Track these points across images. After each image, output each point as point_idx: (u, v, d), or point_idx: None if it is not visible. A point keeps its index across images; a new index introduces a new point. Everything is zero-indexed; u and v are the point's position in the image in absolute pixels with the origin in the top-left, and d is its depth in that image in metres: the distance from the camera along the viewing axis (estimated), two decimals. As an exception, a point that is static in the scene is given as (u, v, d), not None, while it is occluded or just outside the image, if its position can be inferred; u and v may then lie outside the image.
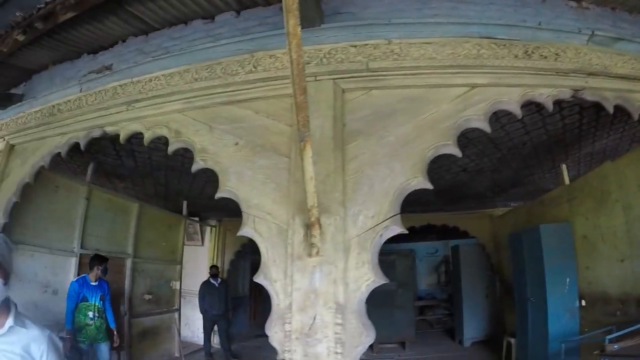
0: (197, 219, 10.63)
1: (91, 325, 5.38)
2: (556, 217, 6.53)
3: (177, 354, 8.62)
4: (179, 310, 8.99)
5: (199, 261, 10.50)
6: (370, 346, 7.64)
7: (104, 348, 5.51)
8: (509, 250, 7.51)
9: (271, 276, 2.49)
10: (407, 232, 2.48)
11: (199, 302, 8.62)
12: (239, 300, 12.23)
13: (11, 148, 4.33)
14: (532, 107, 4.42)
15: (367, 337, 2.34)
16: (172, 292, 8.84)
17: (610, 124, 5.40)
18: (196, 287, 9.28)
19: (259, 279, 2.54)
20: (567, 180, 6.55)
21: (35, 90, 4.44)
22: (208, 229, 11.02)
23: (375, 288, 2.42)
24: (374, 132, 2.68)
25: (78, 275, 5.81)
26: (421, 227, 10.58)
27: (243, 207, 2.63)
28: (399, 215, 2.41)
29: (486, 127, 2.73)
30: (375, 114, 2.74)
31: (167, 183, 8.19)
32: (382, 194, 2.50)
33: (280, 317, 2.42)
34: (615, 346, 3.85)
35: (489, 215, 10.25)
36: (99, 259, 5.66)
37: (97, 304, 5.48)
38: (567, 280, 5.99)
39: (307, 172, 2.04)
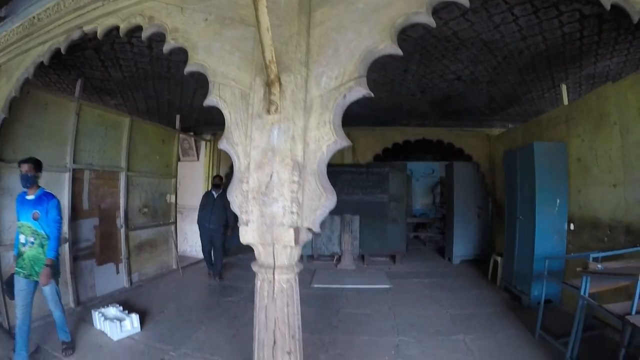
0: (191, 134, 10.63)
1: (24, 254, 4.26)
2: (553, 138, 6.43)
3: (174, 266, 8.94)
4: (175, 223, 9.18)
5: (195, 176, 10.64)
6: (362, 258, 7.99)
7: (46, 289, 4.33)
8: (503, 168, 7.43)
9: (233, 140, 2.48)
10: (372, 95, 2.39)
11: (198, 213, 8.39)
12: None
13: (-3, 69, 4.42)
14: (527, 6, 4.22)
15: (327, 200, 2.32)
16: (168, 205, 9.00)
17: (614, 42, 5.13)
18: (193, 202, 9.39)
19: (222, 144, 2.54)
20: (566, 101, 6.40)
21: (17, 8, 4.27)
22: (203, 143, 10.97)
23: (367, 200, 2.38)
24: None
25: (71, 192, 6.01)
26: (416, 141, 10.43)
27: (210, 77, 2.59)
28: (364, 78, 2.31)
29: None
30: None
31: (157, 95, 8.06)
32: (347, 56, 2.38)
33: (239, 180, 2.43)
34: (599, 266, 3.85)
35: (486, 135, 10.06)
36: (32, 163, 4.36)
37: (29, 224, 4.27)
38: (558, 201, 6.02)
39: (262, 22, 1.97)
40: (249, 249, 2.53)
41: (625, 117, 4.86)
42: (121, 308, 5.64)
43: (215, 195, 8.15)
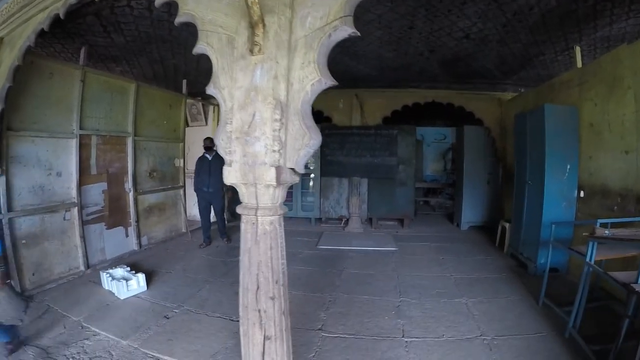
0: (199, 99, 10.57)
1: None
2: (565, 102, 6.23)
3: (184, 230, 9.05)
4: (183, 187, 9.24)
5: None
6: (370, 221, 8.14)
7: None
8: (513, 132, 7.28)
9: (220, 84, 2.42)
10: (358, 34, 2.24)
11: (193, 179, 8.30)
12: None
13: (1, 41, 4.44)
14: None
15: (311, 139, 2.27)
16: (176, 169, 9.03)
17: (630, 1, 4.92)
18: None
19: (209, 89, 2.47)
20: (580, 64, 6.19)
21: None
22: (211, 108, 10.93)
23: (375, 163, 2.31)
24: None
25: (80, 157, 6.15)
26: (427, 105, 10.19)
27: (199, 26, 2.51)
28: (350, 17, 2.19)
29: None
30: None
31: (162, 60, 8.04)
32: (333, -4, 2.32)
33: (224, 122, 2.40)
34: (607, 231, 3.75)
35: (497, 99, 9.80)
36: None
37: None
38: (568, 167, 5.90)
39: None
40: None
41: (640, 81, 4.69)
42: (128, 269, 5.77)
43: (210, 158, 8.02)
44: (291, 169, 2.34)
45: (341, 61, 7.75)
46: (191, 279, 6.02)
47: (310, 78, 2.26)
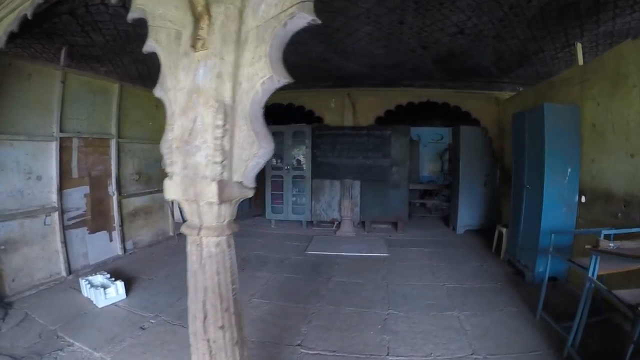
0: None
1: None
2: (565, 101, 5.91)
3: (171, 233, 8.91)
4: (171, 189, 8.97)
5: None
6: (362, 225, 7.57)
7: None
8: (512, 132, 6.97)
9: (167, 85, 2.14)
10: (319, 21, 1.91)
11: None
12: None
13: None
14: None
15: (261, 148, 1.95)
16: (163, 171, 8.58)
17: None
18: None
19: (157, 91, 2.22)
20: (581, 61, 5.85)
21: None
22: None
23: (368, 164, 1.95)
24: None
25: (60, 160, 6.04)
26: (422, 104, 9.84)
27: (149, 22, 2.21)
28: (310, 3, 1.87)
29: None
30: None
31: (145, 59, 7.63)
32: (289, -22, 1.99)
33: (167, 129, 2.17)
34: (611, 244, 3.42)
35: (495, 98, 9.47)
36: None
37: None
38: (569, 170, 5.59)
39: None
40: (245, 217, 2.14)
41: (646, 78, 4.33)
42: (108, 275, 5.61)
43: None
44: (239, 182, 2.02)
45: (330, 59, 7.47)
46: (172, 286, 5.76)
47: (260, 75, 1.92)
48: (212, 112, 1.90)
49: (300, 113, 10.28)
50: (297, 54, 7.11)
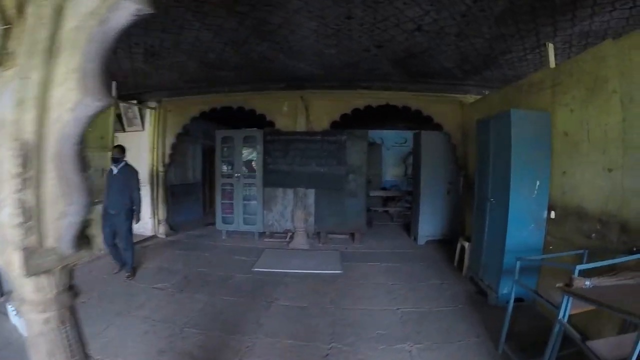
0: (135, 101, 9.61)
1: None
2: (535, 107, 5.41)
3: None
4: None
5: (141, 147, 9.76)
6: (318, 235, 8.31)
7: None
8: (476, 140, 6.49)
9: None
10: (150, 10, 1.32)
11: None
12: (189, 188, 12.02)
13: None
14: None
15: (72, 205, 1.38)
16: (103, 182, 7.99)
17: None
18: (140, 176, 8.45)
19: None
20: (553, 64, 5.31)
21: None
22: (148, 112, 9.98)
23: (322, 172, 1.32)
24: None
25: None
26: (379, 107, 9.17)
27: None
28: None
29: None
30: None
31: None
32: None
33: None
34: (588, 282, 2.84)
35: (459, 102, 8.94)
36: None
37: None
38: (537, 183, 5.09)
39: None
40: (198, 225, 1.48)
41: (628, 84, 3.79)
42: None
43: (115, 171, 6.46)
44: (53, 248, 1.43)
45: (276, 59, 6.82)
46: (104, 310, 5.12)
47: (69, 99, 1.30)
48: (10, 156, 1.30)
49: (252, 117, 9.57)
50: (238, 54, 6.49)
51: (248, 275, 6.68)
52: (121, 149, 6.51)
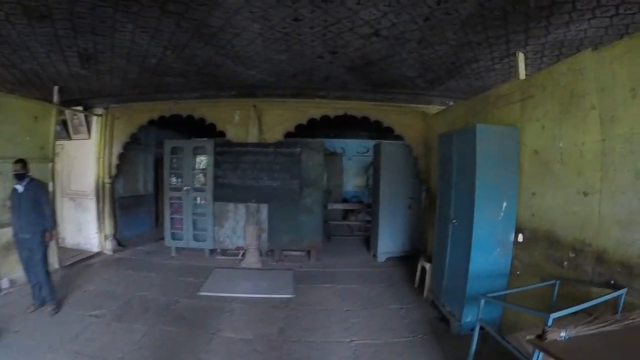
0: (80, 108, 8.97)
1: None
2: (502, 121, 5.09)
3: (57, 265, 7.60)
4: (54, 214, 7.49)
5: (87, 156, 9.20)
6: (272, 252, 8.07)
7: None
8: (438, 155, 6.15)
9: None
10: None
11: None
12: (139, 200, 11.25)
13: None
14: None
15: None
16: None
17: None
18: (86, 187, 8.45)
19: None
20: (522, 75, 5.00)
21: None
22: (94, 119, 9.31)
23: (275, 186, 0.85)
24: None
25: None
26: (337, 117, 8.76)
27: None
28: None
29: None
30: None
31: (15, 64, 6.45)
32: None
33: None
34: (564, 333, 2.41)
35: (421, 112, 8.60)
36: None
37: None
38: (504, 204, 4.76)
39: None
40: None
41: (610, 99, 3.43)
42: None
43: (21, 190, 5.65)
44: None
45: (223, 65, 6.37)
46: (36, 344, 4.58)
47: None
48: None
49: (204, 126, 8.98)
50: (180, 59, 6.05)
51: (193, 301, 6.13)
52: (23, 164, 5.70)
